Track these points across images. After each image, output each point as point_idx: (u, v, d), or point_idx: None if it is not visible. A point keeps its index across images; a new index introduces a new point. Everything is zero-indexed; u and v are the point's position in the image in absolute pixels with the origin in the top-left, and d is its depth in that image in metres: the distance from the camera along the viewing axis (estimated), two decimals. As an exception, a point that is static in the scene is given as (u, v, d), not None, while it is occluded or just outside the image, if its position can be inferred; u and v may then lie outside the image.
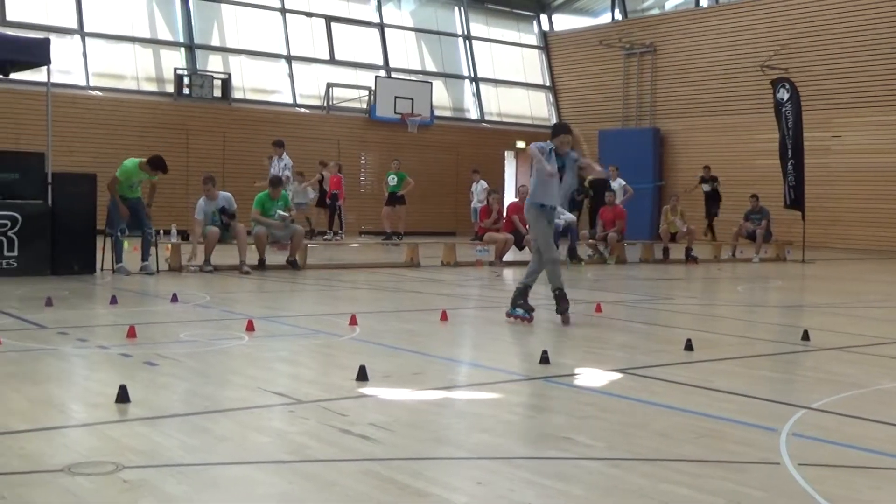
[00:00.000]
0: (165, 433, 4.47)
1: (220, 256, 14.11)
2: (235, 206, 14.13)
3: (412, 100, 29.09)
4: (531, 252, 17.01)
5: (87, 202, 12.86)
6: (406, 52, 31.34)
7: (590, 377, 6.20)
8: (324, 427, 4.62)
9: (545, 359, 6.50)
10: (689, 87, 30.02)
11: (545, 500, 3.61)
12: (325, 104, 28.76)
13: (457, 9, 32.62)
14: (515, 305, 8.77)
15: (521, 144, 32.18)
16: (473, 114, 32.45)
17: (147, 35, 26.79)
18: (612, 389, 5.82)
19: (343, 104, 28.96)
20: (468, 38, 32.61)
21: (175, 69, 26.37)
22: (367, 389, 5.53)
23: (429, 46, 32.01)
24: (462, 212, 28.47)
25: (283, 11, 28.78)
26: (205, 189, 13.88)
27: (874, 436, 4.71)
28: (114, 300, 9.70)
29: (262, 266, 14.13)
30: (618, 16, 33.10)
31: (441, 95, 31.40)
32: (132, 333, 7.33)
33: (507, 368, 6.78)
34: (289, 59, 28.62)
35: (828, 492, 3.72)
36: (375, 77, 29.33)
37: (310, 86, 28.93)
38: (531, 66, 34.08)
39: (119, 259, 12.88)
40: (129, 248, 13.56)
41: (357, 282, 13.34)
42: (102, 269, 13.00)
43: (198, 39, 27.32)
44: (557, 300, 8.75)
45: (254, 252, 14.21)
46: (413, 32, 31.83)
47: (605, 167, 21.94)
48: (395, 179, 23.48)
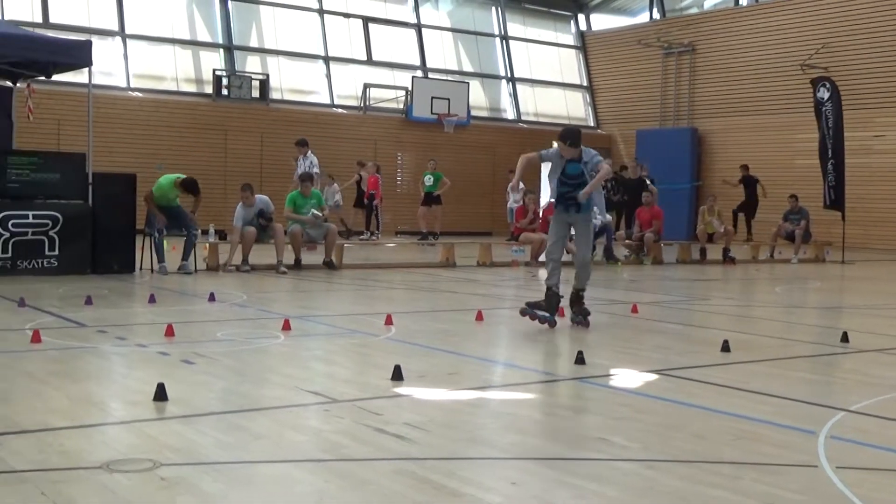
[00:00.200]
0: (202, 431, 4.50)
1: (257, 256, 14.21)
2: (273, 208, 14.27)
3: (449, 100, 29.10)
4: (567, 252, 17.03)
5: (127, 202, 12.99)
6: (443, 53, 31.37)
7: (625, 378, 6.17)
8: (359, 426, 4.63)
9: (580, 359, 6.48)
10: (728, 87, 29.77)
11: (580, 501, 3.60)
12: (362, 104, 28.84)
13: (494, 9, 32.59)
14: (571, 311, 8.67)
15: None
16: (510, 114, 32.40)
17: (187, 36, 27.03)
18: (648, 390, 5.79)
19: (380, 104, 29.02)
20: (505, 38, 32.56)
21: (214, 70, 26.58)
22: (403, 389, 5.54)
23: (466, 46, 32.01)
24: (498, 212, 28.43)
25: (321, 12, 28.91)
26: (243, 196, 14.02)
27: (914, 439, 4.65)
28: (152, 299, 9.80)
29: (299, 266, 14.21)
30: (656, 15, 32.91)
31: (478, 95, 31.38)
32: (170, 332, 7.39)
33: (543, 369, 6.77)
34: (326, 60, 28.74)
35: (866, 495, 3.68)
36: (412, 77, 29.38)
37: (347, 86, 29.03)
38: (568, 66, 33.97)
39: (161, 259, 13.03)
40: (168, 248, 13.69)
41: (393, 282, 13.37)
42: (141, 269, 13.13)
43: (236, 41, 27.51)
44: (547, 298, 8.53)
45: (290, 252, 14.30)
46: (450, 33, 31.85)
47: (640, 166, 21.85)
48: (432, 179, 23.50)
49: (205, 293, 10.40)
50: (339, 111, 28.51)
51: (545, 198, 23.48)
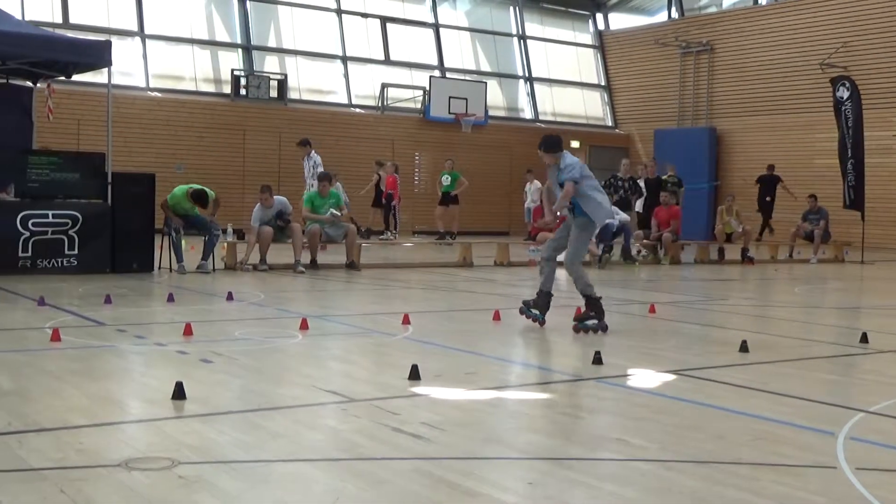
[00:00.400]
0: (220, 430, 4.52)
1: (275, 256, 14.24)
2: (291, 209, 14.33)
3: (466, 100, 29.09)
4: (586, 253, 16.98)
5: (146, 202, 13.05)
6: (461, 52, 31.37)
7: (643, 378, 6.15)
8: (376, 425, 4.64)
9: (598, 359, 6.47)
10: (747, 86, 29.64)
11: (597, 502, 3.59)
12: (380, 104, 28.88)
13: (512, 8, 32.56)
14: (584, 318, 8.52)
15: (576, 144, 32.00)
16: (528, 114, 32.37)
17: (205, 37, 27.13)
18: (666, 391, 5.78)
19: (398, 104, 29.05)
20: (523, 38, 32.53)
21: (232, 70, 26.67)
22: (420, 389, 5.55)
23: (483, 46, 32.00)
24: (515, 212, 28.42)
25: (339, 12, 28.96)
26: (262, 198, 14.07)
27: (935, 441, 4.62)
28: (171, 298, 9.84)
29: (315, 266, 14.22)
30: (674, 14, 32.81)
31: (495, 95, 31.36)
32: (188, 331, 7.42)
33: (560, 369, 6.76)
34: (344, 60, 28.78)
35: (886, 497, 3.66)
36: (430, 77, 29.39)
37: (365, 86, 29.07)
38: (586, 66, 33.91)
39: (179, 258, 13.09)
40: (187, 248, 13.75)
41: (410, 281, 13.38)
42: (160, 268, 13.19)
43: (255, 41, 27.60)
44: (537, 297, 8.45)
45: (308, 251, 14.32)
46: (468, 32, 31.85)
47: (660, 164, 21.81)
48: (449, 179, 23.51)
49: (223, 292, 10.43)
50: (357, 111, 28.55)
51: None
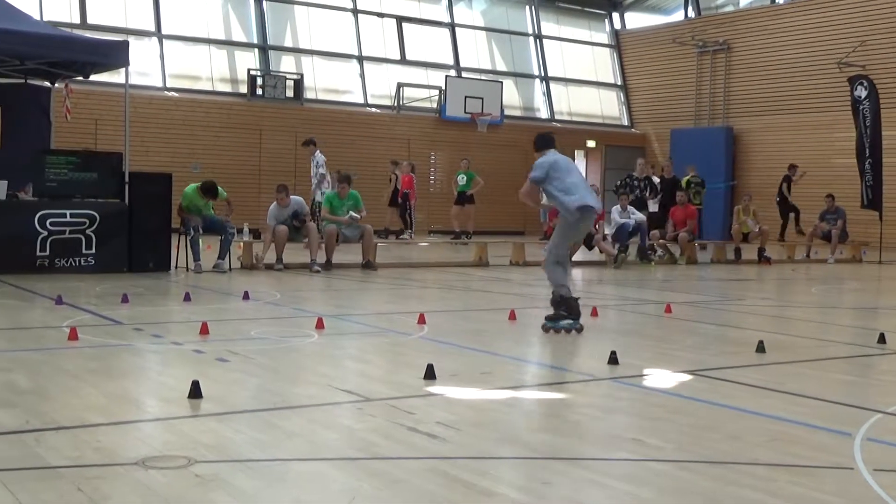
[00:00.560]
0: (236, 429, 4.53)
1: (291, 255, 14.28)
2: (307, 209, 14.38)
3: (482, 99, 29.08)
4: (600, 252, 16.99)
5: (163, 201, 13.09)
6: (477, 52, 31.35)
7: (659, 378, 6.14)
8: (391, 425, 4.65)
9: (614, 359, 6.46)
10: (764, 85, 29.51)
11: (613, 502, 3.59)
12: (396, 104, 28.90)
13: (528, 8, 32.53)
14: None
15: (592, 144, 31.98)
16: (544, 113, 32.33)
17: (222, 37, 27.21)
18: (682, 391, 5.76)
19: (413, 104, 29.06)
20: (539, 37, 32.49)
21: (249, 70, 26.74)
22: (435, 388, 5.55)
23: (499, 46, 31.98)
24: (531, 211, 28.31)
25: (355, 12, 28.99)
26: (278, 197, 14.11)
27: (953, 442, 4.59)
28: (187, 297, 9.88)
29: (330, 265, 14.23)
30: (691, 13, 32.71)
31: (511, 95, 31.34)
32: (205, 330, 7.45)
33: (576, 368, 6.75)
34: (360, 60, 28.82)
35: (903, 498, 3.64)
36: (446, 77, 29.39)
37: (381, 86, 29.09)
38: (602, 65, 33.84)
39: (196, 257, 13.14)
40: (203, 247, 13.80)
41: (426, 281, 13.39)
42: (177, 267, 13.24)
43: (271, 41, 27.66)
44: (567, 304, 8.12)
45: (324, 251, 14.34)
46: (484, 32, 31.83)
47: (677, 165, 21.76)
48: (465, 179, 23.51)
49: (239, 292, 10.47)
50: (373, 111, 28.58)
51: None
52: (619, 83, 33.91)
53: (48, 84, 15.02)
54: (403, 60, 29.57)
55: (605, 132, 32.51)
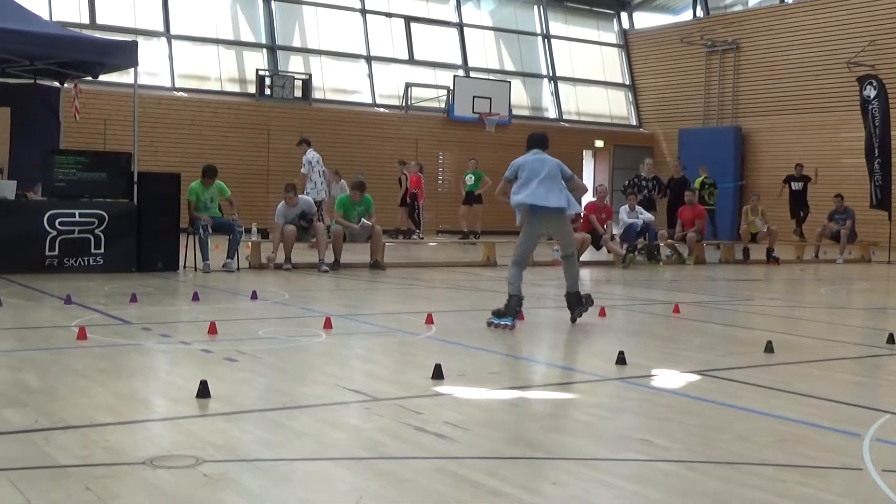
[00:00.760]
0: (244, 428, 4.54)
1: (300, 255, 14.29)
2: (315, 209, 14.39)
3: (490, 99, 29.06)
4: (608, 252, 16.98)
5: (172, 201, 13.12)
6: (485, 52, 31.34)
7: (667, 379, 6.13)
8: (399, 425, 4.65)
9: (622, 359, 6.46)
10: (773, 85, 29.44)
11: (621, 502, 3.59)
12: (404, 104, 28.90)
13: (536, 7, 32.50)
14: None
15: (600, 143, 31.94)
16: (552, 113, 32.31)
17: (230, 37, 27.24)
18: (690, 391, 5.76)
19: (421, 104, 29.06)
20: (547, 37, 32.46)
21: (257, 70, 26.76)
22: (443, 388, 5.55)
23: (507, 45, 31.96)
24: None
25: (363, 12, 29.00)
26: (286, 196, 14.13)
27: (962, 443, 4.58)
28: (196, 297, 9.89)
29: (338, 265, 14.23)
30: (699, 13, 32.64)
31: (519, 95, 31.31)
32: (213, 330, 7.47)
33: (583, 369, 6.75)
34: (368, 60, 28.83)
35: (912, 499, 3.63)
36: (454, 76, 29.38)
37: (389, 86, 29.10)
38: (611, 65, 33.80)
39: (205, 256, 13.17)
40: (212, 247, 13.82)
41: (434, 281, 13.39)
42: (185, 267, 13.27)
43: (279, 41, 27.68)
44: (573, 302, 8.70)
45: (332, 251, 14.35)
46: (492, 32, 31.81)
47: (684, 165, 21.73)
48: (473, 179, 23.51)
49: (247, 291, 10.48)
50: (381, 111, 28.59)
51: (587, 197, 23.40)
52: (628, 83, 33.87)
53: (57, 84, 15.06)
54: (411, 60, 29.58)
55: (614, 132, 32.48)
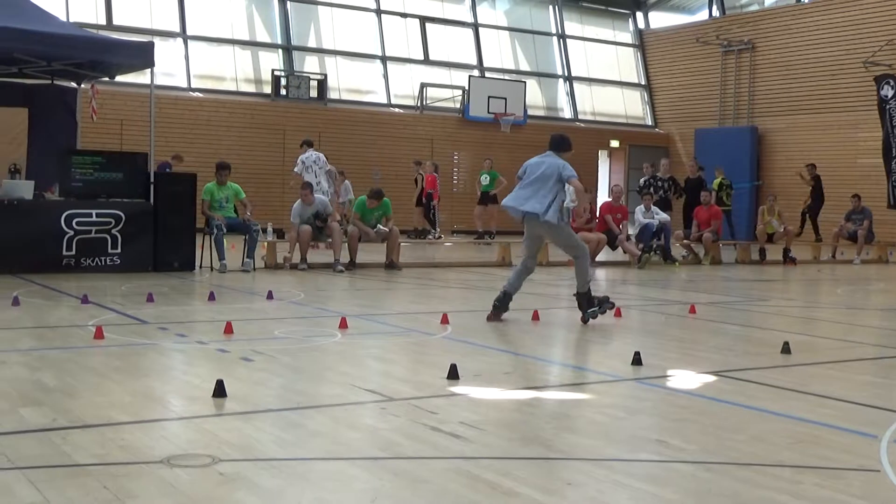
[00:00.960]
0: (260, 428, 4.55)
1: (315, 255, 14.31)
2: (331, 210, 14.40)
3: (505, 99, 29.06)
4: (624, 252, 16.95)
5: (188, 201, 13.16)
6: (500, 52, 31.33)
7: (683, 379, 6.11)
8: (415, 425, 4.65)
9: (637, 360, 6.44)
10: (789, 85, 29.33)
11: (636, 503, 3.58)
12: (419, 104, 28.92)
13: (551, 7, 32.47)
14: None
15: (616, 143, 31.89)
16: (567, 113, 32.27)
17: (246, 37, 27.32)
18: (706, 392, 5.74)
19: (437, 104, 29.07)
20: (562, 37, 32.42)
21: (273, 70, 26.84)
22: (458, 388, 5.55)
23: (523, 46, 31.94)
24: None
25: (379, 12, 29.03)
26: (302, 194, 14.16)
27: (981, 444, 4.55)
28: (212, 297, 9.92)
29: (353, 265, 14.25)
30: (715, 13, 32.56)
31: (534, 95, 31.29)
32: (229, 329, 7.48)
33: (599, 369, 6.73)
34: (383, 60, 28.86)
35: (930, 501, 3.61)
36: (469, 77, 29.38)
37: (404, 86, 29.13)
38: (626, 65, 33.73)
39: (221, 256, 13.21)
40: (227, 247, 13.86)
41: (449, 281, 13.39)
42: (201, 267, 13.31)
43: (295, 41, 27.75)
44: (581, 302, 8.73)
45: (348, 251, 14.37)
46: (507, 32, 31.80)
47: (699, 165, 21.67)
48: (488, 179, 23.50)
49: (263, 291, 10.51)
50: (396, 111, 28.62)
51: (602, 197, 23.39)
52: (643, 83, 33.79)
53: (74, 85, 15.13)
54: (427, 60, 29.59)
55: (629, 132, 32.41)
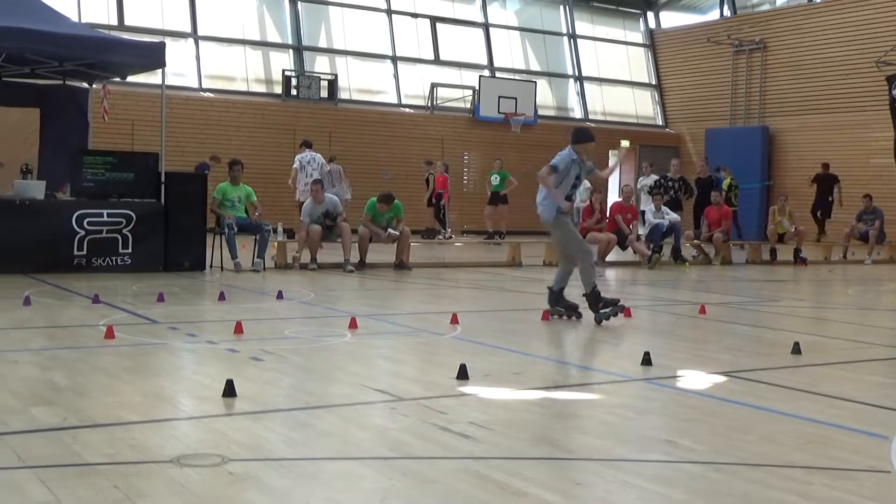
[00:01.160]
0: (270, 427, 4.56)
1: (325, 255, 14.33)
2: (341, 210, 14.40)
3: (516, 99, 29.04)
4: (634, 252, 16.92)
5: (198, 201, 13.18)
6: (510, 52, 31.31)
7: (693, 380, 6.10)
8: (424, 424, 4.65)
9: (647, 360, 6.43)
10: (800, 85, 29.24)
11: (646, 503, 3.57)
12: (430, 104, 28.92)
13: (562, 7, 32.44)
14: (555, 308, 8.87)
15: (626, 143, 31.80)
16: (577, 113, 32.23)
17: (257, 38, 27.37)
18: (716, 392, 5.73)
19: (447, 104, 29.07)
20: (573, 37, 32.39)
21: (283, 71, 26.88)
22: (468, 388, 5.55)
23: (533, 46, 31.92)
24: (565, 211, 28.25)
25: (389, 12, 29.05)
26: (313, 191, 14.17)
27: None
28: (222, 296, 9.94)
29: (363, 265, 14.26)
30: (726, 12, 32.48)
31: (545, 95, 31.26)
32: (239, 329, 7.50)
33: (608, 369, 6.72)
34: (394, 60, 28.87)
35: (941, 502, 3.60)
36: (479, 77, 29.38)
37: (414, 86, 29.14)
38: (637, 65, 33.67)
39: (234, 255, 13.24)
40: (238, 246, 13.88)
41: (459, 281, 13.39)
42: (211, 266, 13.34)
43: (305, 41, 27.79)
44: (590, 302, 8.69)
45: (357, 251, 14.36)
46: (518, 32, 31.78)
47: (711, 165, 21.64)
48: (498, 179, 23.50)
49: (273, 291, 10.53)
50: (407, 111, 28.63)
51: (613, 197, 23.35)
52: (654, 83, 33.74)
53: (86, 85, 15.17)
54: (437, 60, 29.60)
55: (640, 132, 32.35)
